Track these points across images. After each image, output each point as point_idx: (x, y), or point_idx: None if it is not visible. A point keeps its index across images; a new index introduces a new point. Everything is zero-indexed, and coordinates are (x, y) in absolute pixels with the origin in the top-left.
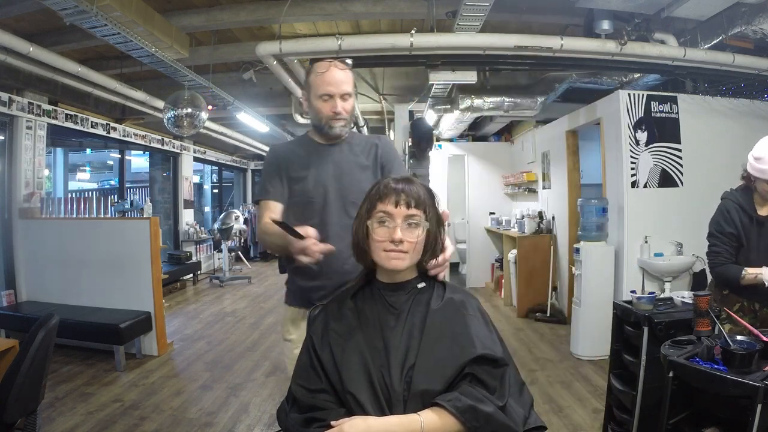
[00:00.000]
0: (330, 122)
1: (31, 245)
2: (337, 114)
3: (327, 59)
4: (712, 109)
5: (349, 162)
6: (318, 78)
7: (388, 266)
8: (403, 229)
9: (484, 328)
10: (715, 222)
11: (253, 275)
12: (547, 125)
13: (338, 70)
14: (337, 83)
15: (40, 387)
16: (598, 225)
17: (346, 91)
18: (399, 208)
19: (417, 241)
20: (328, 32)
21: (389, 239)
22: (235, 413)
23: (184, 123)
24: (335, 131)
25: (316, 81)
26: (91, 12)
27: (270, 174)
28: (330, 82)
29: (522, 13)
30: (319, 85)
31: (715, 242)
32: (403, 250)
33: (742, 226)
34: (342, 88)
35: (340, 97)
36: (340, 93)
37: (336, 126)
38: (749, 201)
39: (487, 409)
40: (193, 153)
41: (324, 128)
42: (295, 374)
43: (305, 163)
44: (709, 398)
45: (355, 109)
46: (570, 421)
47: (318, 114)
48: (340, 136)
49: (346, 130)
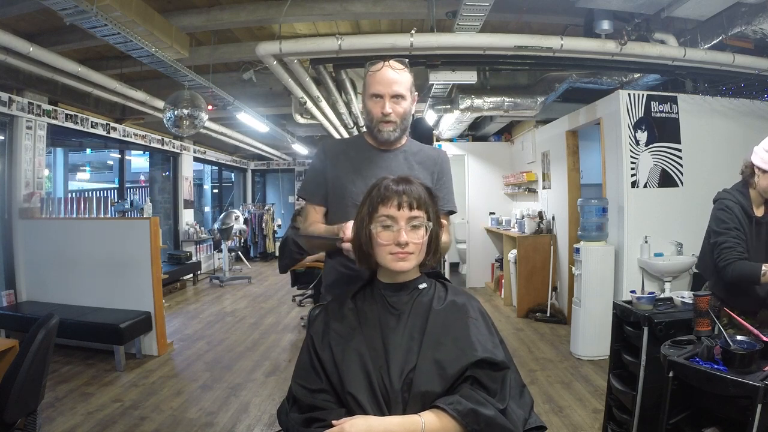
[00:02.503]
0: (379, 125)
1: (31, 245)
2: (386, 115)
3: (384, 58)
4: (712, 109)
5: (402, 172)
6: (370, 77)
7: (395, 268)
8: (407, 231)
9: (485, 331)
10: (719, 220)
11: (253, 275)
12: (547, 125)
13: (391, 69)
14: (388, 83)
15: (40, 387)
16: (598, 225)
17: (398, 92)
18: (402, 210)
19: (421, 242)
20: (328, 32)
21: (394, 242)
22: (235, 413)
23: (184, 123)
24: (383, 135)
25: (368, 80)
26: (91, 12)
27: (316, 172)
28: (380, 81)
29: (522, 13)
30: (370, 84)
31: (726, 239)
32: (408, 252)
33: (743, 227)
34: (392, 89)
35: (390, 98)
36: (391, 93)
37: (384, 130)
38: (747, 201)
39: (487, 412)
40: (193, 153)
41: (373, 131)
42: (295, 374)
43: (355, 166)
44: (709, 398)
45: (409, 114)
46: (570, 421)
47: (369, 115)
48: (389, 141)
49: (395, 134)
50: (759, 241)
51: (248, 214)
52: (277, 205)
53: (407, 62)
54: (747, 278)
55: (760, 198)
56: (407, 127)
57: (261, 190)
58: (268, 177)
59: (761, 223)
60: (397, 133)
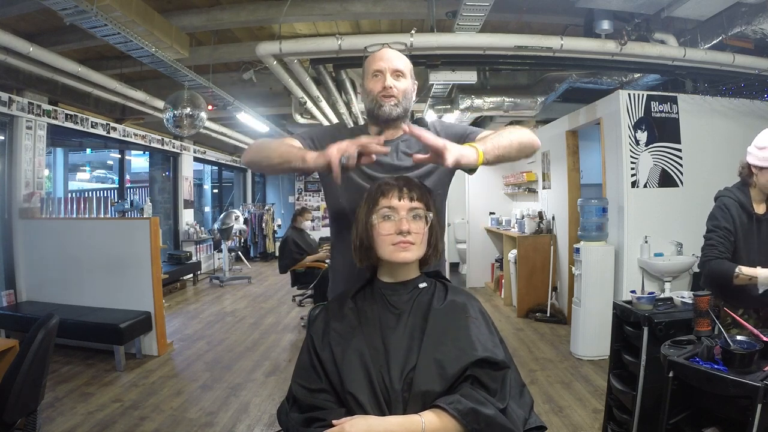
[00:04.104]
0: (379, 99)
1: (31, 245)
2: (387, 89)
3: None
4: (712, 109)
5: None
6: (369, 59)
7: (397, 259)
8: (408, 221)
9: (485, 330)
10: (713, 217)
11: (253, 275)
12: (547, 125)
13: (391, 49)
14: (388, 59)
15: (40, 387)
16: (598, 225)
17: (398, 68)
18: (402, 201)
19: (422, 232)
20: (328, 32)
21: (396, 231)
22: (235, 413)
23: (184, 123)
24: (384, 110)
25: (368, 61)
26: (91, 12)
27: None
28: (381, 58)
29: (522, 13)
30: (370, 63)
31: (711, 236)
32: (410, 241)
33: (740, 224)
34: (393, 64)
35: (391, 72)
36: (392, 68)
37: (385, 104)
38: (747, 198)
39: (488, 411)
40: (193, 153)
41: (374, 110)
42: (295, 374)
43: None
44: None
45: (410, 95)
46: (570, 421)
47: (369, 95)
48: (390, 117)
49: (397, 110)
50: (759, 239)
51: (248, 214)
52: (277, 205)
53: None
54: (720, 277)
55: (761, 195)
56: (408, 108)
57: (261, 190)
58: (268, 177)
59: (762, 220)
60: (399, 110)
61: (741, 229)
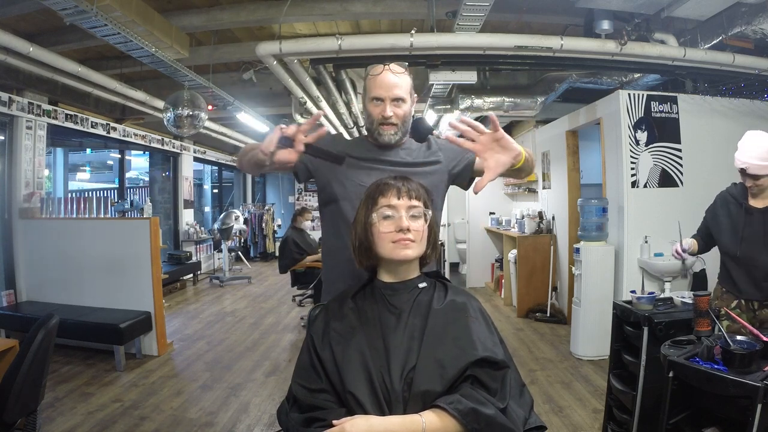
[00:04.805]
0: (379, 128)
1: (31, 245)
2: (387, 118)
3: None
4: (712, 109)
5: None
6: (370, 81)
7: (397, 257)
8: (408, 219)
9: (485, 330)
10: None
11: (253, 275)
12: (547, 125)
13: (392, 74)
14: (388, 87)
15: (40, 387)
16: (598, 225)
17: (398, 96)
18: (402, 199)
19: (422, 230)
20: (328, 32)
21: (396, 229)
22: (235, 413)
23: (184, 123)
24: (384, 138)
25: (369, 84)
26: (91, 12)
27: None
28: (381, 85)
29: (522, 13)
30: (371, 88)
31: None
32: (411, 238)
33: (726, 214)
34: (393, 92)
35: (391, 101)
36: (391, 97)
37: (385, 133)
38: (743, 192)
39: (488, 411)
40: (193, 153)
41: (374, 133)
42: (295, 374)
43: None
44: (709, 398)
45: (409, 116)
46: (570, 421)
47: (369, 117)
48: (390, 143)
49: (396, 137)
50: (752, 229)
51: (248, 214)
52: (277, 205)
53: (407, 65)
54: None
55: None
56: (408, 129)
57: (261, 190)
58: (268, 177)
59: (752, 212)
60: (398, 136)
61: (727, 219)
